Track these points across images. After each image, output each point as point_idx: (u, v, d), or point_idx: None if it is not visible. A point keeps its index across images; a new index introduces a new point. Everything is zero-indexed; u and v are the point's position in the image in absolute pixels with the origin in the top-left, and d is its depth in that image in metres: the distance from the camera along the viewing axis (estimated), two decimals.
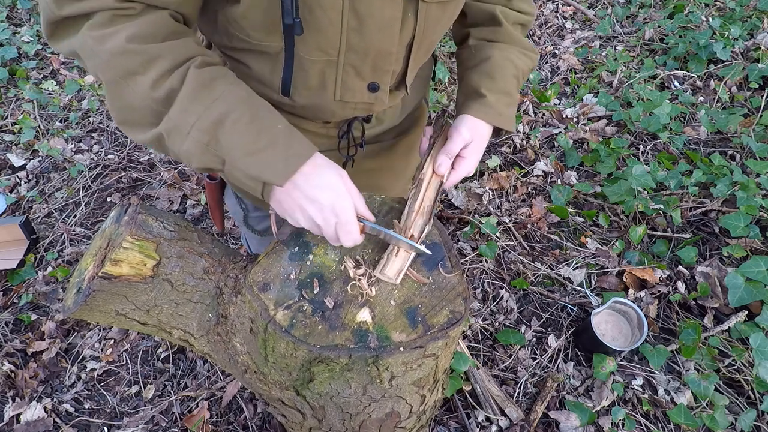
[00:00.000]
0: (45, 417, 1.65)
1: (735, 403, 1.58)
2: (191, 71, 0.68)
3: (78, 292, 0.83)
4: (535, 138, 2.54)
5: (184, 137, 0.68)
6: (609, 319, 1.74)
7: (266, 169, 0.70)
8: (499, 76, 0.92)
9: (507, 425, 1.56)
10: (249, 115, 0.70)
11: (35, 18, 3.53)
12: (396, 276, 0.81)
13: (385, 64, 0.82)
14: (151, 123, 0.70)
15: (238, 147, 0.69)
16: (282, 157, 0.70)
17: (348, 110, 0.90)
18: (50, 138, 2.69)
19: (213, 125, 0.68)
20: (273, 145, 0.70)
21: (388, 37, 0.77)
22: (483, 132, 0.92)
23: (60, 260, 2.15)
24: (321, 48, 0.75)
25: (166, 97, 0.67)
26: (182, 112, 0.67)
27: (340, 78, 0.81)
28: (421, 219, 0.88)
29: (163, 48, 0.67)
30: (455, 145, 0.90)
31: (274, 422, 1.60)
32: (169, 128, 0.68)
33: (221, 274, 0.90)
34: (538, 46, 3.26)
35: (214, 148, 0.69)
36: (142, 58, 0.66)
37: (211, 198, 1.20)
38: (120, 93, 0.68)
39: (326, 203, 0.74)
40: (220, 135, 0.68)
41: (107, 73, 0.67)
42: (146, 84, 0.67)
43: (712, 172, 2.11)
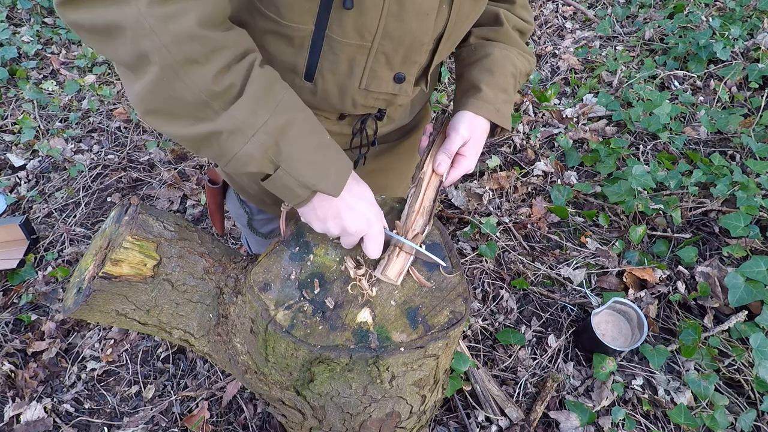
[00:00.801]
0: (45, 417, 1.65)
1: (735, 403, 1.58)
2: (257, 70, 0.66)
3: (78, 292, 0.83)
4: (535, 138, 2.54)
5: (248, 139, 0.65)
6: (609, 319, 1.74)
7: (323, 179, 0.72)
8: (498, 72, 0.93)
9: (507, 425, 1.56)
10: (309, 126, 0.71)
11: (35, 18, 3.53)
12: (397, 277, 0.82)
13: (416, 55, 0.82)
14: (196, 117, 0.65)
15: (299, 157, 0.69)
16: (335, 169, 0.73)
17: (369, 100, 0.89)
18: (50, 138, 2.69)
19: (277, 131, 0.67)
20: (329, 157, 0.73)
21: (424, 27, 0.76)
22: (481, 128, 0.92)
23: (60, 260, 2.15)
24: (358, 31, 0.74)
25: (224, 92, 0.64)
26: (250, 114, 0.65)
27: (369, 65, 0.80)
28: (421, 219, 0.88)
29: (227, 38, 0.64)
30: (454, 143, 0.90)
31: (274, 422, 1.60)
32: (232, 127, 0.65)
33: (221, 274, 0.90)
34: (538, 46, 3.26)
35: (273, 154, 0.68)
36: (209, 47, 0.61)
37: (212, 202, 1.20)
38: (171, 81, 0.61)
39: (362, 214, 0.77)
40: (282, 142, 0.68)
41: (165, 58, 0.59)
42: (207, 76, 0.62)
43: (712, 172, 2.11)
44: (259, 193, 1.06)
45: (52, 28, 3.51)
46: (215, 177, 1.15)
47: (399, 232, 0.85)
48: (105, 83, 3.11)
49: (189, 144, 0.68)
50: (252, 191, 1.07)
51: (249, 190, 1.07)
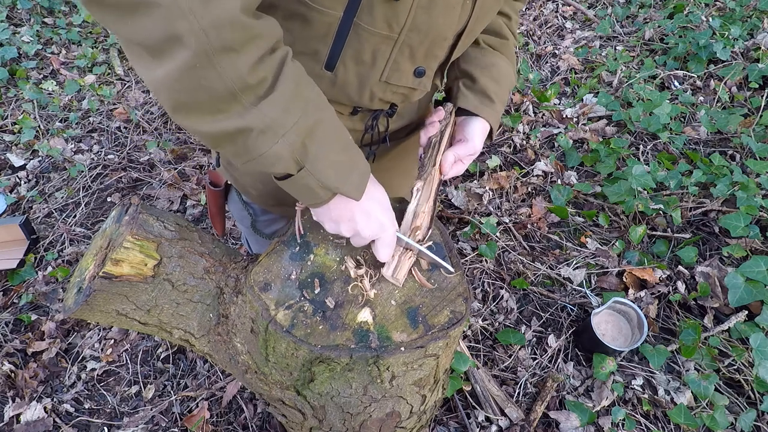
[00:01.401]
0: (45, 417, 1.65)
1: (735, 403, 1.58)
2: (289, 65, 0.62)
3: (78, 291, 0.83)
4: (535, 138, 2.54)
5: (279, 138, 0.62)
6: (609, 319, 1.74)
7: (346, 182, 0.71)
8: (503, 85, 0.96)
9: (507, 425, 1.56)
10: (335, 125, 0.69)
11: (35, 18, 3.53)
12: (403, 279, 0.82)
13: (438, 50, 0.82)
14: (222, 111, 0.60)
15: (324, 158, 0.68)
16: (358, 172, 0.73)
17: (387, 94, 0.88)
18: (50, 138, 2.69)
19: (307, 131, 0.64)
20: (353, 159, 0.73)
21: (449, 21, 0.77)
22: (485, 135, 0.96)
23: (60, 260, 2.15)
24: (388, 21, 0.73)
25: (257, 85, 0.60)
26: (283, 112, 0.61)
27: (393, 57, 0.80)
28: (427, 219, 0.87)
29: (263, 26, 0.58)
30: (466, 150, 0.91)
31: (274, 422, 1.60)
32: (263, 126, 0.61)
33: (222, 274, 0.90)
34: (538, 46, 3.26)
35: (299, 154, 0.65)
36: (247, 35, 0.56)
37: (213, 204, 1.19)
38: (204, 68, 0.56)
39: (377, 219, 0.78)
40: (309, 143, 0.65)
41: (202, 43, 0.54)
42: (243, 66, 0.57)
43: (712, 172, 2.11)
44: (263, 194, 1.06)
45: (52, 28, 3.51)
46: (217, 179, 1.15)
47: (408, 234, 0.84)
48: (105, 83, 3.11)
49: (209, 139, 0.64)
50: (256, 192, 1.06)
51: (253, 191, 1.07)
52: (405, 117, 1.04)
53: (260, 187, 1.04)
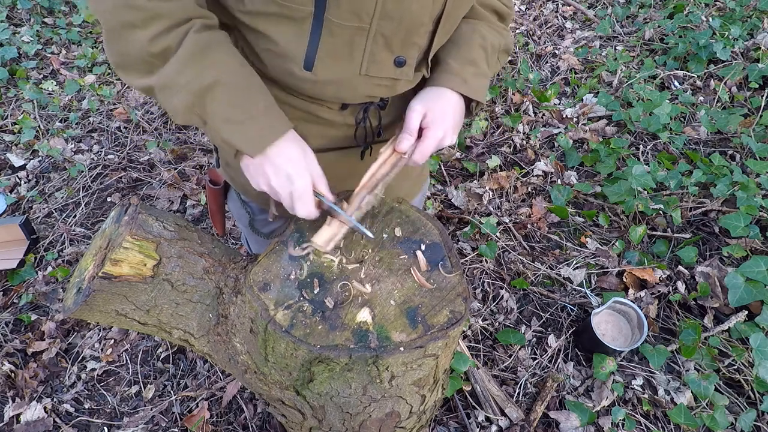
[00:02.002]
0: (45, 417, 1.65)
1: (735, 403, 1.58)
2: (190, 35, 0.72)
3: (78, 292, 0.83)
4: (535, 138, 2.54)
5: (173, 94, 0.74)
6: (609, 319, 1.74)
7: (242, 139, 0.76)
8: (463, 44, 0.91)
9: (507, 425, 1.56)
10: (236, 87, 0.75)
11: (35, 18, 3.53)
12: (326, 244, 0.84)
13: (415, 37, 0.81)
14: (145, 71, 0.75)
15: (221, 115, 0.75)
16: (259, 131, 0.76)
17: (371, 87, 0.88)
18: (50, 138, 2.69)
19: (202, 90, 0.73)
20: (252, 119, 0.76)
21: (422, 6, 0.76)
22: (446, 102, 0.89)
23: (60, 260, 2.15)
24: (355, 11, 0.74)
25: (161, 53, 0.72)
26: (176, 73, 0.73)
27: (369, 48, 0.80)
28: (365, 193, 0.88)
29: (164, 7, 0.70)
30: (412, 121, 0.88)
31: (274, 422, 1.60)
32: (162, 84, 0.74)
33: (221, 274, 0.90)
34: (538, 46, 3.26)
35: (199, 109, 0.75)
36: (145, 14, 0.70)
37: (213, 202, 1.19)
38: (118, 40, 0.73)
39: (284, 171, 0.79)
40: (207, 100, 0.74)
41: (108, 21, 0.71)
42: (144, 38, 0.71)
43: (712, 172, 2.11)
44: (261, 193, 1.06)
45: (52, 28, 3.51)
46: (216, 177, 1.15)
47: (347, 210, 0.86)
48: (105, 83, 3.11)
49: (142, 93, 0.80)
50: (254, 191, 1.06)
51: (251, 189, 1.06)
52: (398, 109, 1.02)
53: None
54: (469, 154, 2.52)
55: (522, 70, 2.93)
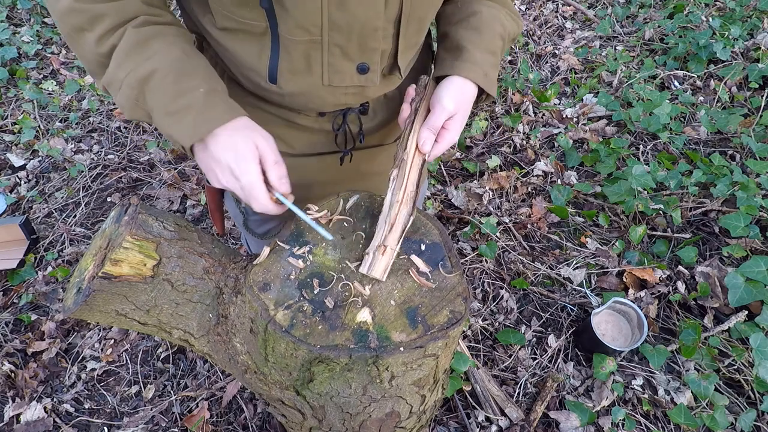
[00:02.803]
0: (45, 417, 1.65)
1: (735, 403, 1.58)
2: (129, 30, 0.72)
3: (78, 292, 0.83)
4: (535, 138, 2.54)
5: (117, 90, 0.74)
6: (609, 319, 1.74)
7: (177, 130, 0.73)
8: (486, 32, 0.86)
9: (507, 425, 1.56)
10: (173, 76, 0.72)
11: (35, 18, 3.53)
12: (382, 274, 0.81)
13: (372, 42, 0.78)
14: (102, 72, 0.76)
15: (159, 106, 0.73)
16: (193, 121, 0.72)
17: (339, 96, 0.86)
18: (50, 138, 2.69)
19: (140, 82, 0.72)
20: (188, 107, 0.72)
21: (371, 11, 0.73)
22: (468, 96, 0.86)
23: (60, 260, 2.15)
24: (302, 26, 0.73)
25: (108, 53, 0.73)
26: (116, 68, 0.73)
27: (326, 59, 0.78)
28: (405, 209, 0.83)
29: (107, 7, 0.71)
30: (439, 118, 0.83)
31: (274, 422, 1.60)
32: (107, 81, 0.75)
33: (221, 274, 0.90)
34: (538, 46, 3.26)
35: (142, 103, 0.74)
36: (88, 15, 0.71)
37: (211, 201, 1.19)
38: (75, 46, 0.75)
39: (226, 165, 0.75)
40: (147, 92, 0.73)
41: (62, 28, 0.74)
42: (92, 39, 0.73)
43: (712, 172, 2.11)
44: None
45: (52, 28, 3.51)
46: None
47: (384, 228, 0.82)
48: None
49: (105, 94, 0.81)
50: None
51: None
52: (380, 114, 1.01)
53: None
54: (469, 154, 2.52)
55: (522, 70, 2.93)
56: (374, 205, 0.94)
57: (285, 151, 1.00)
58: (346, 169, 1.06)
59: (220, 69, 0.92)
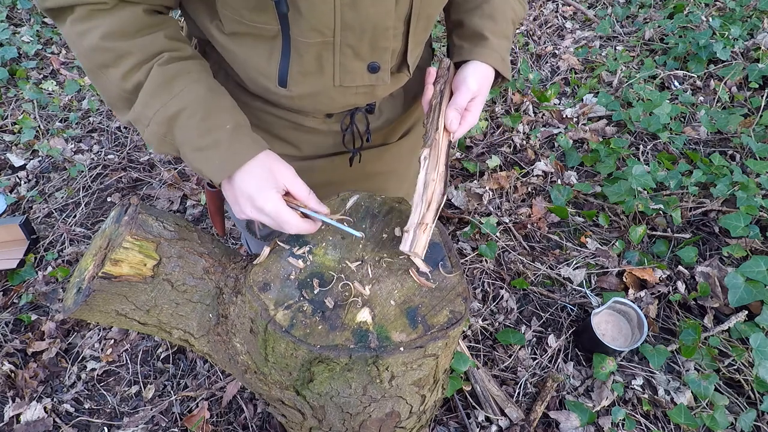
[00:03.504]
0: (45, 417, 1.65)
1: (735, 403, 1.58)
2: (155, 68, 0.74)
3: (78, 292, 0.83)
4: (535, 138, 2.54)
5: (145, 127, 0.77)
6: (609, 319, 1.74)
7: (207, 166, 0.76)
8: (500, 18, 0.90)
9: (507, 425, 1.56)
10: (201, 113, 0.75)
11: (35, 18, 3.53)
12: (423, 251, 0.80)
13: (383, 41, 0.79)
14: (125, 107, 0.78)
15: (187, 143, 0.75)
16: (222, 158, 0.75)
17: (349, 96, 0.87)
18: (50, 138, 2.69)
19: (168, 120, 0.75)
20: (216, 144, 0.75)
21: (383, 11, 0.74)
22: (488, 79, 0.89)
23: (60, 260, 2.15)
24: (315, 28, 0.73)
25: (134, 89, 0.76)
26: (144, 106, 0.75)
27: (338, 60, 0.79)
28: (439, 187, 0.84)
29: (133, 45, 0.73)
30: (464, 98, 0.86)
31: (274, 422, 1.60)
32: (134, 118, 0.77)
33: (221, 274, 0.90)
34: (538, 46, 3.26)
35: (170, 139, 0.76)
36: (114, 54, 0.73)
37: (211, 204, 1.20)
38: (98, 81, 0.78)
39: (248, 197, 0.77)
40: (175, 129, 0.75)
41: (86, 64, 0.76)
42: (117, 76, 0.75)
43: (712, 172, 2.11)
44: None
45: (52, 28, 3.51)
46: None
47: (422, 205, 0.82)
48: None
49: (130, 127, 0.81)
50: None
51: None
52: (385, 113, 1.02)
53: None
54: (469, 154, 2.52)
55: (522, 70, 2.93)
56: (374, 205, 0.94)
57: (293, 155, 1.01)
58: (354, 170, 1.07)
59: (224, 73, 0.93)
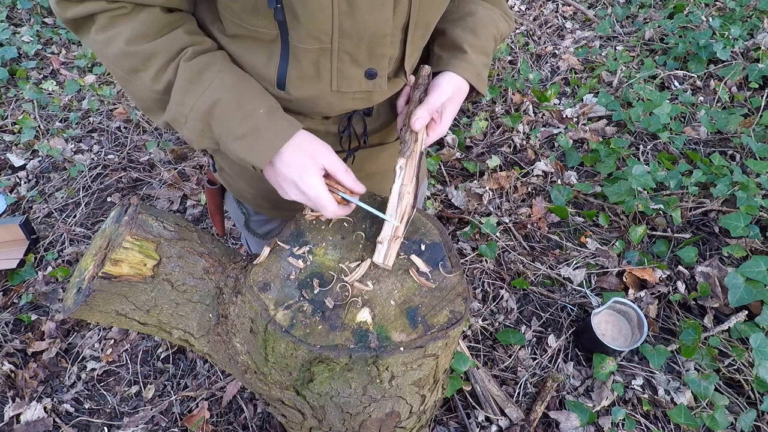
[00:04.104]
0: (45, 417, 1.65)
1: (735, 403, 1.58)
2: (181, 65, 0.75)
3: (78, 292, 0.83)
4: (535, 138, 2.54)
5: (183, 125, 0.77)
6: (609, 319, 1.74)
7: (250, 153, 0.76)
8: (481, 33, 0.91)
9: (507, 425, 1.56)
10: (234, 103, 0.75)
11: (35, 18, 3.53)
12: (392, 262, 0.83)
13: (381, 48, 0.80)
14: (160, 109, 0.79)
15: (227, 134, 0.76)
16: (262, 143, 0.76)
17: (346, 101, 0.87)
18: (50, 138, 2.69)
19: (204, 115, 0.75)
20: (255, 130, 0.76)
21: (381, 19, 0.75)
22: (461, 91, 0.90)
23: (60, 260, 2.15)
24: (313, 35, 0.74)
25: (165, 89, 0.76)
26: (178, 105, 0.76)
27: (335, 66, 0.80)
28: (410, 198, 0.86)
29: (157, 45, 0.73)
30: (436, 98, 0.86)
31: (274, 422, 1.60)
32: (171, 118, 0.78)
33: (221, 274, 0.90)
34: (538, 46, 3.26)
35: (209, 133, 0.77)
36: (141, 57, 0.74)
37: (211, 202, 1.20)
38: (129, 87, 0.78)
39: (291, 181, 0.79)
40: (212, 123, 0.76)
41: (116, 72, 0.76)
42: (148, 79, 0.75)
43: (712, 172, 2.11)
44: (256, 197, 1.06)
45: (52, 28, 3.51)
46: (214, 178, 1.15)
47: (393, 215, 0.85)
48: (105, 83, 3.11)
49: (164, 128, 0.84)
50: (249, 195, 1.07)
51: (247, 195, 1.07)
52: (383, 115, 1.02)
53: (252, 191, 1.05)
54: (469, 154, 2.52)
55: (522, 70, 2.93)
56: (373, 205, 0.93)
57: None
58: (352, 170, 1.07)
59: None
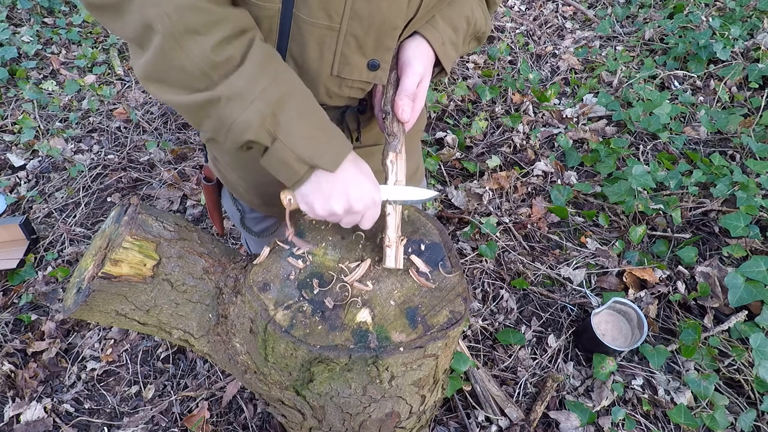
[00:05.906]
0: (45, 417, 1.65)
1: (735, 403, 1.58)
2: (258, 43, 0.68)
3: (78, 292, 0.83)
4: (535, 138, 2.54)
5: (247, 104, 0.67)
6: (609, 319, 1.74)
7: (322, 154, 0.73)
8: (454, 6, 0.87)
9: (507, 425, 1.56)
10: (309, 102, 0.73)
11: (35, 18, 3.53)
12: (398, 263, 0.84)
13: (388, 40, 0.78)
14: (195, 88, 0.67)
15: (297, 130, 0.71)
16: (334, 145, 0.74)
17: (344, 89, 0.85)
18: (50, 138, 2.69)
19: (276, 101, 0.68)
20: (328, 133, 0.74)
21: (395, 8, 0.73)
22: (430, 59, 0.86)
23: (60, 260, 2.15)
24: (325, 9, 0.71)
25: (224, 63, 0.66)
26: (250, 80, 0.67)
27: (340, 49, 0.77)
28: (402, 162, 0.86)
29: (229, 12, 0.66)
30: (411, 81, 0.84)
31: (274, 422, 1.60)
32: (231, 93, 0.67)
33: (221, 274, 0.90)
34: (538, 46, 3.26)
35: (270, 125, 0.69)
36: (209, 18, 0.64)
37: (209, 199, 1.19)
38: (177, 51, 0.64)
39: (368, 191, 0.78)
40: (280, 113, 0.69)
41: (167, 26, 0.62)
42: (207, 45, 0.64)
43: (712, 172, 2.11)
44: (249, 192, 1.06)
45: (52, 28, 3.51)
46: (210, 174, 1.15)
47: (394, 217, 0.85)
48: (105, 83, 3.11)
49: (189, 113, 0.71)
50: (243, 190, 1.06)
51: (240, 189, 1.06)
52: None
53: (244, 184, 1.04)
54: (469, 154, 2.52)
55: (522, 70, 2.93)
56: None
57: None
58: None
59: None
